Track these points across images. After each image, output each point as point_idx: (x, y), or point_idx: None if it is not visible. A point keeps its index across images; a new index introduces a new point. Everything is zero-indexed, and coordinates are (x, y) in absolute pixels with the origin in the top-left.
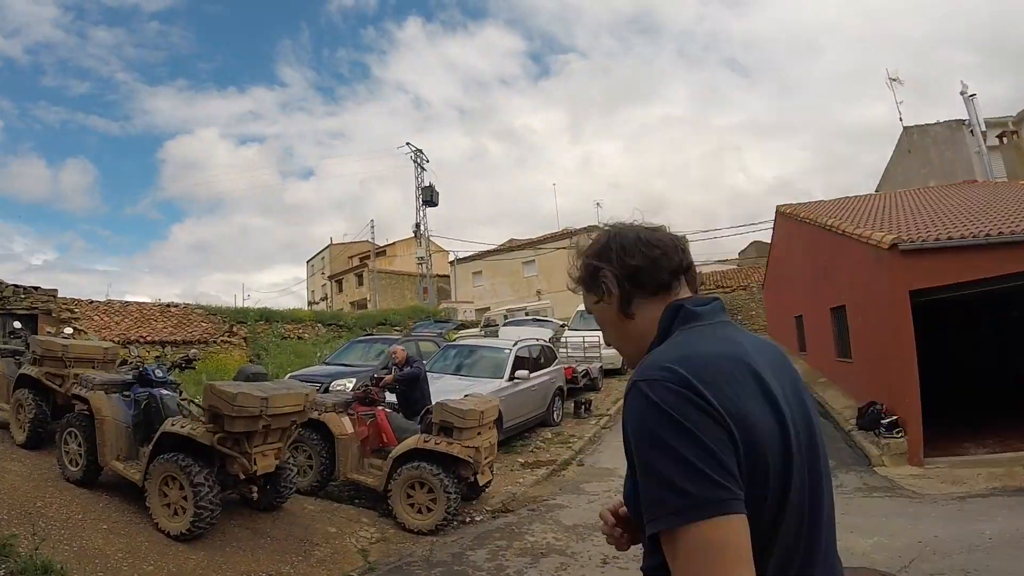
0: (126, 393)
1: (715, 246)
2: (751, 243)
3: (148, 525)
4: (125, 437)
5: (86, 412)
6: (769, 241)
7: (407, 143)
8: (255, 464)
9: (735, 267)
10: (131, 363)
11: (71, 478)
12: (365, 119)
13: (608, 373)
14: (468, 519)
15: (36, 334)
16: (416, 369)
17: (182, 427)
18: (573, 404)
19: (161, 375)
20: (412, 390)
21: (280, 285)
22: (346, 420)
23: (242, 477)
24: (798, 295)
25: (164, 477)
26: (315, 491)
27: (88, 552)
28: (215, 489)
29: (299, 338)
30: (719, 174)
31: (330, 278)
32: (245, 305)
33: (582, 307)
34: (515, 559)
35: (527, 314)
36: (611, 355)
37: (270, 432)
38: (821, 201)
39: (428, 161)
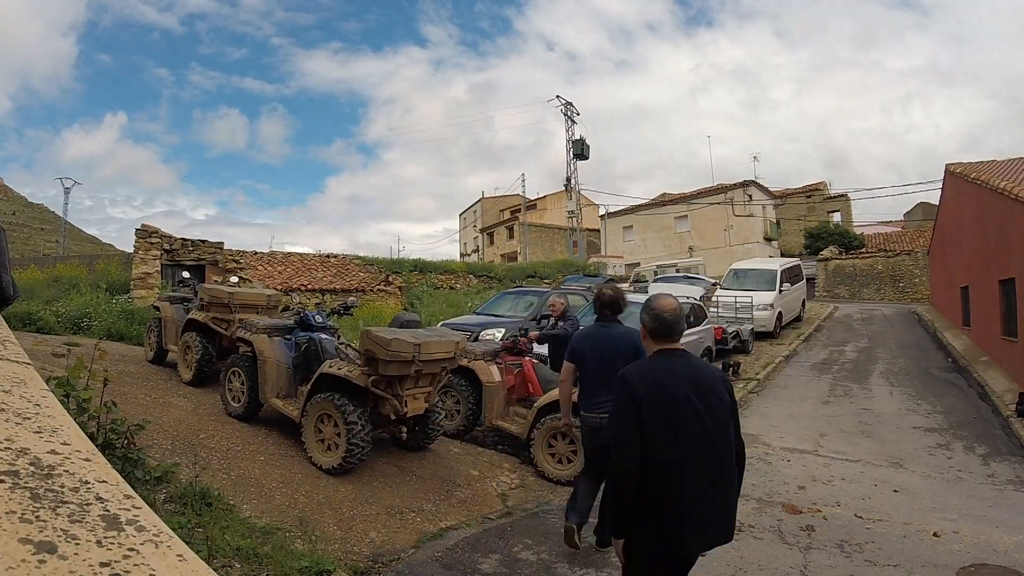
0: (287, 336)
1: (902, 203)
2: (918, 204)
3: (302, 458)
4: (285, 377)
5: (250, 353)
6: (937, 203)
7: (557, 96)
8: (406, 406)
9: (899, 229)
10: (292, 309)
11: (233, 413)
12: (513, 74)
13: (759, 336)
14: None
15: (203, 283)
16: (563, 330)
17: (339, 369)
18: (721, 366)
19: (320, 320)
20: (563, 346)
21: (433, 237)
22: (494, 368)
23: (393, 418)
24: (965, 264)
25: (320, 415)
26: (461, 435)
27: (245, 479)
28: (367, 428)
29: (451, 288)
30: (906, 128)
31: (482, 231)
32: (400, 256)
33: (736, 265)
34: None
35: (678, 270)
36: (764, 317)
37: (421, 376)
38: (995, 160)
39: (579, 114)
